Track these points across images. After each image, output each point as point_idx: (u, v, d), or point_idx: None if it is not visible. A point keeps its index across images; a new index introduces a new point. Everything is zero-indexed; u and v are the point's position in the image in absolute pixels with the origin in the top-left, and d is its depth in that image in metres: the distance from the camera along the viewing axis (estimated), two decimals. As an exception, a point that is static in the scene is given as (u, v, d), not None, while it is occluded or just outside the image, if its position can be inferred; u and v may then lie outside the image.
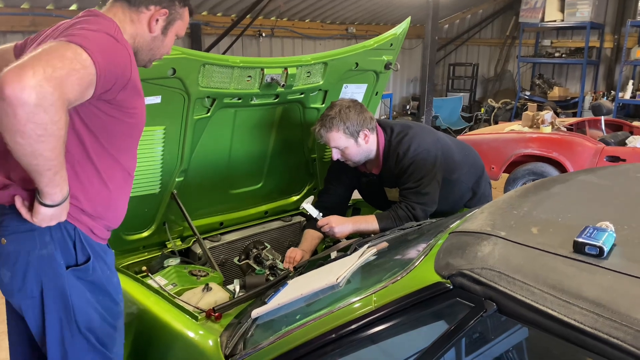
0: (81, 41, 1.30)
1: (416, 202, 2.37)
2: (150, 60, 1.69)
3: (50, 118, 1.20)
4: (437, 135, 2.59)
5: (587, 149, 5.16)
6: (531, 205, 1.42)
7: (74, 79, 1.25)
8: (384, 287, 1.28)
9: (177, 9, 1.62)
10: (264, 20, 8.47)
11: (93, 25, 1.41)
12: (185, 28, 1.70)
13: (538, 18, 9.78)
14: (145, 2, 1.57)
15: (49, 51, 1.24)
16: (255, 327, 1.60)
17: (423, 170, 2.38)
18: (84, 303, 1.56)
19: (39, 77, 1.16)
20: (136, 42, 1.59)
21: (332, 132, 2.35)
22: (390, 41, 2.69)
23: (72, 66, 1.25)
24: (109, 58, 1.36)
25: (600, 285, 1.01)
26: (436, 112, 9.68)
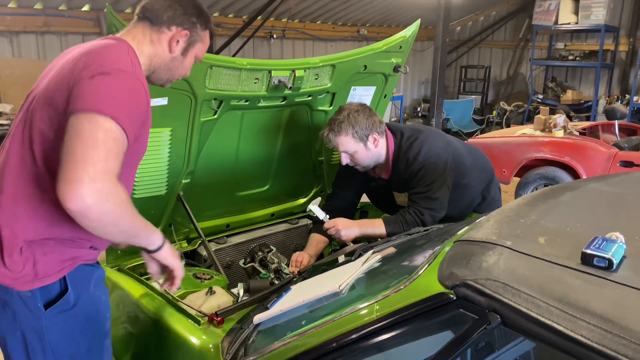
0: (107, 109, 1.32)
1: (425, 207, 2.34)
2: (169, 80, 1.69)
3: (114, 203, 1.31)
4: (448, 139, 2.56)
5: (600, 154, 5.09)
6: (539, 214, 1.39)
7: (113, 156, 1.32)
8: (387, 296, 1.26)
9: (198, 32, 1.62)
10: (275, 21, 8.48)
11: (109, 64, 1.40)
12: (205, 51, 1.72)
13: (552, 21, 9.67)
14: (167, 22, 1.57)
15: (82, 146, 1.28)
16: (257, 334, 1.58)
17: (433, 175, 2.35)
18: (66, 342, 1.52)
19: (87, 182, 1.25)
20: (153, 62, 1.60)
21: (340, 137, 2.33)
22: (399, 44, 2.66)
23: (107, 147, 1.30)
24: (134, 110, 1.40)
25: (608, 299, 0.98)
26: (447, 114, 9.62)
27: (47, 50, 6.42)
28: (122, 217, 1.35)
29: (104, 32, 6.58)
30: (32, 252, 1.44)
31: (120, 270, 2.27)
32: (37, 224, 1.44)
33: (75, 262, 1.51)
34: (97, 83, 1.35)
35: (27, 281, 1.44)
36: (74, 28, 6.51)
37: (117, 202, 1.31)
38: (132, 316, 2.01)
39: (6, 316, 1.48)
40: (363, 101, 2.83)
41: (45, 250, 1.46)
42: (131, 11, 6.87)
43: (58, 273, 1.48)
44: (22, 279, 1.43)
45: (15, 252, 1.42)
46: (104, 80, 1.36)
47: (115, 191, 1.31)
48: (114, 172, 1.31)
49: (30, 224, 1.43)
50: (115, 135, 1.32)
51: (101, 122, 1.30)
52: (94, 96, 1.33)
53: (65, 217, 1.43)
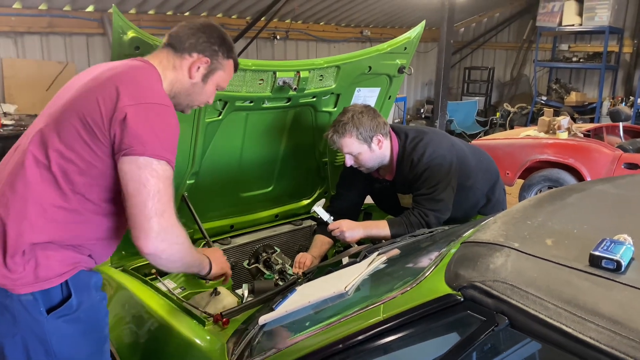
0: (163, 153, 1.43)
1: (429, 209, 2.33)
2: (188, 106, 1.72)
3: (179, 245, 1.52)
4: (452, 140, 2.56)
5: (605, 156, 5.07)
6: (546, 216, 1.39)
7: (166, 193, 1.45)
8: (393, 297, 1.25)
9: (219, 60, 1.66)
10: (278, 22, 8.48)
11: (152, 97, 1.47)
12: (228, 81, 1.75)
13: (556, 22, 9.65)
14: (189, 49, 1.62)
15: (148, 197, 1.42)
16: (262, 334, 1.58)
17: (438, 176, 2.34)
18: (68, 348, 1.53)
19: (157, 232, 1.43)
20: (175, 87, 1.64)
21: (345, 138, 2.32)
22: (404, 45, 2.66)
23: (167, 192, 1.45)
24: (176, 145, 1.50)
25: (617, 301, 0.97)
26: (451, 116, 9.61)
27: (51, 51, 6.44)
28: (186, 255, 1.57)
29: (108, 33, 6.59)
30: (34, 254, 1.44)
31: (125, 271, 2.27)
32: (44, 227, 1.45)
33: (77, 267, 1.52)
34: (145, 119, 1.43)
35: (26, 283, 1.44)
36: (78, 29, 6.52)
37: (181, 243, 1.52)
38: (137, 317, 2.01)
39: (5, 320, 1.48)
40: (367, 102, 2.83)
41: (47, 253, 1.46)
42: (135, 12, 6.89)
43: (59, 277, 1.48)
44: (22, 281, 1.44)
45: (17, 254, 1.43)
46: (152, 117, 1.44)
47: (179, 234, 1.50)
48: (174, 212, 1.48)
49: (37, 227, 1.44)
50: (169, 176, 1.46)
51: (160, 169, 1.43)
52: (148, 137, 1.41)
53: (71, 224, 1.49)
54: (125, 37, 1.82)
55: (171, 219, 1.46)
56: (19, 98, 6.05)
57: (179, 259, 1.56)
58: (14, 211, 1.45)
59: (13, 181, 1.48)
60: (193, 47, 1.62)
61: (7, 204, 1.46)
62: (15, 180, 1.48)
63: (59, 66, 6.40)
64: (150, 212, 1.41)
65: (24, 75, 6.10)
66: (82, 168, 1.46)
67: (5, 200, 1.47)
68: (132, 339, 2.01)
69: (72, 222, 1.50)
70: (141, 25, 6.52)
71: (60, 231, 1.48)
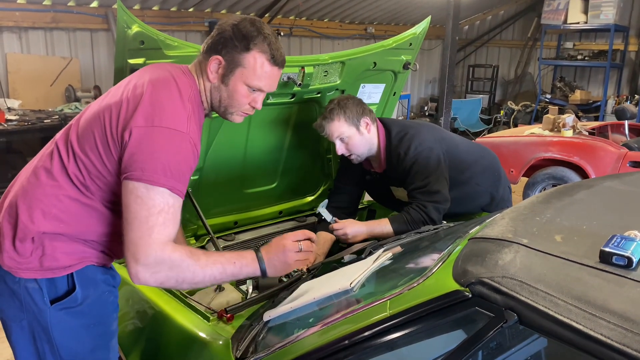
0: (164, 180, 1.37)
1: (427, 201, 2.32)
2: (226, 113, 1.63)
3: (166, 276, 1.40)
4: (442, 134, 2.55)
5: (610, 154, 5.05)
6: (554, 212, 1.37)
7: (170, 225, 1.39)
8: (400, 293, 1.24)
9: (235, 56, 1.52)
10: (282, 19, 8.47)
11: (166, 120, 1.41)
12: (258, 76, 1.55)
13: (560, 20, 9.61)
14: (209, 51, 1.54)
15: (139, 227, 1.36)
16: (267, 330, 1.57)
17: (428, 168, 2.34)
18: (70, 340, 1.53)
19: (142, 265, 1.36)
20: (206, 94, 1.59)
21: (333, 122, 2.35)
22: (409, 40, 2.64)
23: (165, 221, 1.37)
24: (187, 173, 1.43)
25: (628, 298, 0.96)
26: (455, 113, 9.58)
27: (55, 46, 6.44)
28: (182, 279, 1.43)
29: (112, 29, 6.58)
30: (42, 243, 1.46)
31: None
32: (56, 218, 1.46)
33: (84, 261, 1.52)
34: (150, 143, 1.38)
35: (30, 269, 1.46)
36: (82, 24, 6.52)
37: (170, 271, 1.39)
38: (141, 312, 2.01)
39: (14, 304, 1.50)
40: (372, 98, 2.82)
41: (55, 244, 1.47)
42: (140, 7, 6.88)
43: (64, 269, 1.49)
44: (26, 265, 1.46)
45: (27, 240, 1.45)
46: (158, 142, 1.38)
47: (170, 263, 1.38)
48: (168, 240, 1.38)
49: (49, 216, 1.46)
50: (170, 204, 1.38)
51: (158, 198, 1.36)
52: (151, 163, 1.36)
53: (84, 218, 1.49)
54: (130, 31, 1.81)
55: (162, 253, 1.36)
56: (23, 93, 6.06)
57: (175, 285, 1.45)
58: (30, 197, 1.47)
59: (37, 169, 1.51)
60: (210, 48, 1.54)
61: (26, 190, 1.49)
62: (39, 168, 1.51)
63: (63, 61, 6.40)
64: (139, 240, 1.36)
65: (28, 70, 6.11)
66: (94, 175, 1.47)
67: (27, 186, 1.50)
68: (136, 335, 2.01)
69: (86, 216, 1.50)
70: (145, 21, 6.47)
71: (73, 224, 1.49)
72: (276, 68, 1.58)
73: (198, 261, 1.43)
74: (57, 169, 1.49)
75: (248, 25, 1.52)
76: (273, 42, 1.54)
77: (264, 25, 1.56)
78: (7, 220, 1.49)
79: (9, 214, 1.50)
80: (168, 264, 1.38)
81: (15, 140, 5.46)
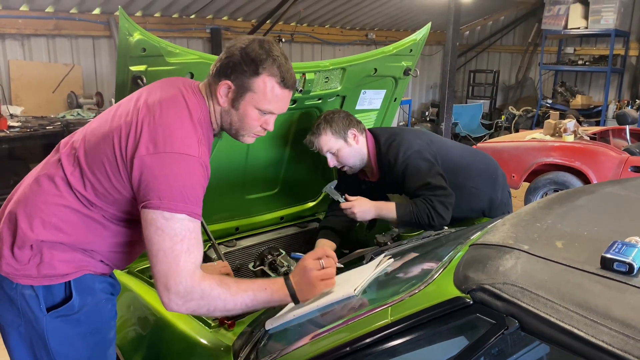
0: (182, 207, 1.37)
1: (431, 195, 2.32)
2: (237, 135, 1.64)
3: (198, 303, 1.41)
4: (431, 137, 2.57)
5: (611, 159, 5.04)
6: (555, 218, 1.37)
7: (193, 252, 1.39)
8: (401, 299, 1.24)
9: (244, 80, 1.51)
10: (284, 25, 8.49)
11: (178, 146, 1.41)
12: (268, 100, 1.54)
13: (561, 25, 9.62)
14: (219, 75, 1.53)
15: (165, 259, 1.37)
16: (269, 337, 1.57)
17: (420, 170, 2.36)
18: (66, 348, 1.53)
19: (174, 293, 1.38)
20: (217, 115, 1.59)
21: (321, 136, 2.40)
22: (409, 47, 2.65)
23: (189, 249, 1.38)
24: (201, 194, 1.43)
25: (630, 304, 0.96)
26: (456, 119, 9.58)
27: (57, 53, 6.46)
28: (214, 308, 1.44)
29: (114, 36, 6.61)
30: (40, 250, 1.46)
31: (130, 273, 2.26)
32: (56, 227, 1.47)
33: (82, 270, 1.52)
34: (166, 169, 1.38)
35: (27, 275, 1.47)
36: (84, 31, 6.55)
37: (202, 300, 1.40)
38: (142, 319, 2.00)
39: (12, 310, 1.51)
40: (373, 104, 2.83)
41: (53, 253, 1.47)
42: (141, 14, 6.91)
43: (61, 277, 1.49)
44: (23, 272, 1.47)
45: (26, 247, 1.46)
46: (173, 169, 1.38)
47: (201, 292, 1.39)
48: (195, 268, 1.39)
49: (49, 225, 1.46)
50: (190, 230, 1.39)
51: (178, 227, 1.37)
52: (167, 191, 1.37)
53: (85, 229, 1.50)
54: (132, 38, 1.82)
55: (190, 281, 1.37)
56: (25, 100, 6.08)
57: (207, 313, 1.49)
58: (31, 205, 1.48)
59: (40, 177, 1.52)
60: (219, 71, 1.53)
61: (27, 197, 1.50)
62: (43, 176, 1.52)
63: (65, 68, 6.42)
64: (168, 270, 1.37)
65: (30, 77, 6.13)
66: (100, 192, 1.48)
67: (28, 193, 1.51)
68: (137, 341, 2.01)
69: (87, 227, 1.51)
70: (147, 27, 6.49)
71: (72, 234, 1.49)
72: (287, 90, 1.57)
73: (229, 289, 1.44)
74: (60, 179, 1.49)
75: (257, 48, 1.50)
76: (283, 63, 1.53)
77: (274, 47, 1.54)
78: (7, 227, 1.49)
79: (9, 220, 1.50)
80: (199, 293, 1.39)
81: (17, 146, 5.48)
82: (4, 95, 5.93)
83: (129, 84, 1.90)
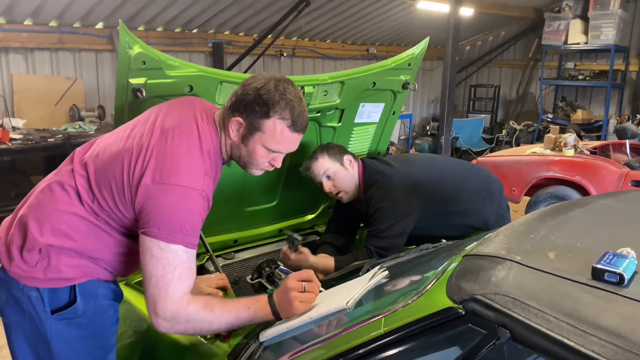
0: (179, 238, 1.44)
1: (375, 246, 2.39)
2: (246, 167, 1.68)
3: (185, 325, 1.49)
4: (418, 175, 2.55)
5: (611, 173, 5.05)
6: (548, 229, 1.38)
7: (185, 279, 1.47)
8: (394, 310, 1.24)
9: (255, 120, 1.54)
10: (285, 40, 8.56)
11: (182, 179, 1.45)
12: (277, 141, 1.58)
13: (561, 40, 9.68)
14: (233, 109, 1.57)
15: (156, 284, 1.45)
16: (263, 349, 1.57)
17: (383, 219, 2.41)
18: (68, 351, 1.57)
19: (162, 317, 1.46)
20: (227, 147, 1.64)
21: (318, 160, 2.48)
22: (408, 61, 2.67)
23: (181, 276, 1.46)
24: (199, 225, 1.49)
25: (620, 314, 0.96)
26: (457, 133, 9.60)
27: (60, 67, 6.52)
28: (200, 329, 1.53)
29: (117, 49, 6.67)
30: (48, 254, 1.51)
31: (128, 285, 2.27)
32: (65, 233, 1.51)
33: (87, 275, 1.56)
34: (168, 201, 1.43)
35: (34, 278, 1.51)
36: (87, 45, 6.61)
37: (187, 323, 1.48)
38: (139, 331, 2.00)
39: (18, 310, 1.55)
40: (372, 118, 2.85)
41: (60, 257, 1.52)
42: (144, 28, 6.98)
43: (66, 281, 1.53)
44: (30, 274, 1.51)
45: (35, 250, 1.51)
46: (175, 201, 1.43)
47: (186, 316, 1.47)
48: (183, 294, 1.46)
49: (58, 231, 1.51)
50: (184, 260, 1.46)
51: (171, 257, 1.44)
52: (167, 221, 1.42)
53: (92, 237, 1.54)
54: (132, 51, 1.84)
55: (178, 307, 1.45)
56: (28, 112, 6.12)
57: (194, 333, 1.59)
58: (42, 211, 1.53)
59: (53, 183, 1.57)
60: (233, 107, 1.57)
61: (40, 203, 1.55)
62: (55, 183, 1.56)
63: (68, 82, 6.47)
64: (158, 295, 1.45)
65: (33, 90, 6.18)
66: (106, 210, 1.54)
67: (41, 198, 1.56)
68: (134, 353, 2.00)
69: (95, 236, 1.55)
70: (149, 42, 6.60)
71: (81, 241, 1.53)
72: (296, 134, 1.60)
73: (212, 312, 1.51)
74: (71, 189, 1.54)
75: (272, 89, 1.53)
76: (296, 107, 1.55)
77: (289, 89, 1.55)
78: (18, 230, 1.54)
79: (20, 223, 1.55)
80: (184, 317, 1.47)
81: (19, 159, 5.50)
82: (7, 108, 5.97)
83: (129, 96, 1.92)
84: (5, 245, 1.56)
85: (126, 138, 1.55)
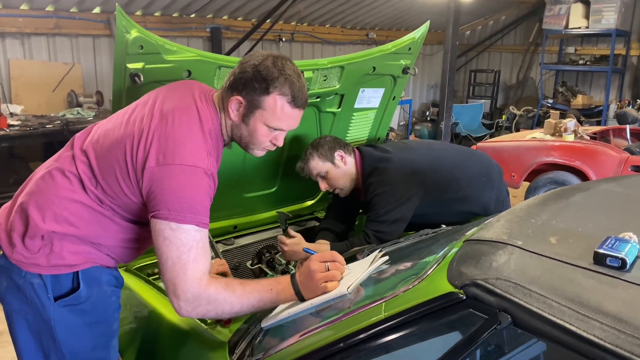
0: (190, 218, 1.41)
1: (373, 230, 2.39)
2: (247, 148, 1.66)
3: (206, 308, 1.45)
4: (419, 162, 2.53)
5: (611, 158, 5.04)
6: (550, 214, 1.37)
7: (201, 261, 1.44)
8: (395, 295, 1.24)
9: (255, 97, 1.53)
10: (284, 24, 8.50)
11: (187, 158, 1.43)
12: (278, 118, 1.56)
13: (562, 25, 9.60)
14: (232, 89, 1.56)
15: (173, 268, 1.42)
16: (264, 334, 1.57)
17: (381, 203, 2.41)
18: (71, 337, 1.57)
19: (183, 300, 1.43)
20: (227, 128, 1.62)
21: (309, 162, 2.50)
22: (408, 45, 2.65)
23: (196, 257, 1.43)
24: (208, 203, 1.47)
25: (622, 299, 0.96)
26: (456, 118, 9.58)
27: (57, 52, 6.47)
28: (221, 311, 1.49)
29: (114, 35, 6.60)
30: (51, 241, 1.50)
31: (128, 271, 2.27)
32: (67, 220, 1.51)
33: (90, 262, 1.56)
34: (175, 181, 1.41)
35: (36, 264, 1.51)
36: (84, 30, 6.56)
37: (209, 305, 1.45)
38: (139, 317, 2.01)
39: (20, 298, 1.54)
40: (372, 103, 2.83)
41: (63, 243, 1.51)
42: (142, 13, 6.92)
43: (69, 267, 1.53)
44: (33, 261, 1.51)
45: (37, 237, 1.50)
46: (181, 180, 1.41)
47: (207, 298, 1.43)
48: (202, 275, 1.44)
49: (60, 218, 1.50)
50: (197, 239, 1.43)
51: (184, 237, 1.41)
52: (176, 202, 1.41)
53: (94, 223, 1.54)
54: (129, 36, 1.82)
55: (199, 288, 1.42)
56: (25, 99, 6.08)
57: (215, 315, 1.54)
58: (43, 198, 1.51)
59: (54, 170, 1.55)
60: (231, 84, 1.56)
61: (40, 189, 1.54)
62: (56, 170, 1.55)
63: (65, 67, 6.43)
64: (176, 279, 1.42)
65: (30, 76, 6.13)
66: (110, 195, 1.52)
67: (42, 185, 1.54)
68: (134, 338, 2.01)
69: (97, 222, 1.54)
70: (147, 26, 6.50)
71: (83, 228, 1.53)
72: (297, 110, 1.59)
73: (234, 293, 1.47)
74: (73, 176, 1.53)
75: (270, 66, 1.52)
76: (295, 82, 1.54)
77: (287, 65, 1.55)
78: (19, 217, 1.53)
79: (21, 210, 1.54)
80: (205, 299, 1.44)
81: (17, 145, 5.48)
82: (4, 94, 5.94)
83: (127, 81, 1.90)
84: (5, 232, 1.56)
85: (126, 123, 1.54)
